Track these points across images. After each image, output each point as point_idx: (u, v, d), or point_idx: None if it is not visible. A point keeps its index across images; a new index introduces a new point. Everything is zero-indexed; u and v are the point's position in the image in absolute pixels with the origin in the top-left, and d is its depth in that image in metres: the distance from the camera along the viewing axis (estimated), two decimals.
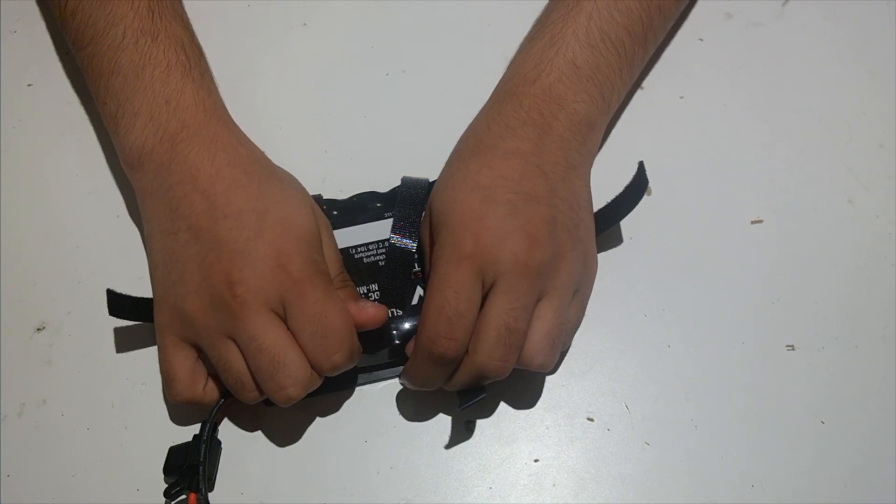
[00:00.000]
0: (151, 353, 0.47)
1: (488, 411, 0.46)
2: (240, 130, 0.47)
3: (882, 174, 0.52)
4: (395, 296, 0.46)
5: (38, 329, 0.48)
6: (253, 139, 0.47)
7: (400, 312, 0.45)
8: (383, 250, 0.47)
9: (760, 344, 0.47)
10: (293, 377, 0.41)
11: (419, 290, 0.46)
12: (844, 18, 0.56)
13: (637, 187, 0.48)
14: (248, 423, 0.46)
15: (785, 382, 0.46)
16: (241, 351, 0.42)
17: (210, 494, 0.44)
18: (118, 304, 0.45)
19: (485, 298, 0.42)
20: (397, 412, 0.46)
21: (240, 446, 0.45)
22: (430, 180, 0.48)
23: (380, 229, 0.47)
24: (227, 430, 0.46)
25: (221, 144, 0.44)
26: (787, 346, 0.47)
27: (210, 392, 0.44)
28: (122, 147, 0.46)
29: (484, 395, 0.43)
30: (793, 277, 0.49)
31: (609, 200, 0.47)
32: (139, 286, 0.49)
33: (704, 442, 0.45)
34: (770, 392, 0.46)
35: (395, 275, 0.46)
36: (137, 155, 0.45)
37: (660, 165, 0.51)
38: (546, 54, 0.47)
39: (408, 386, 0.44)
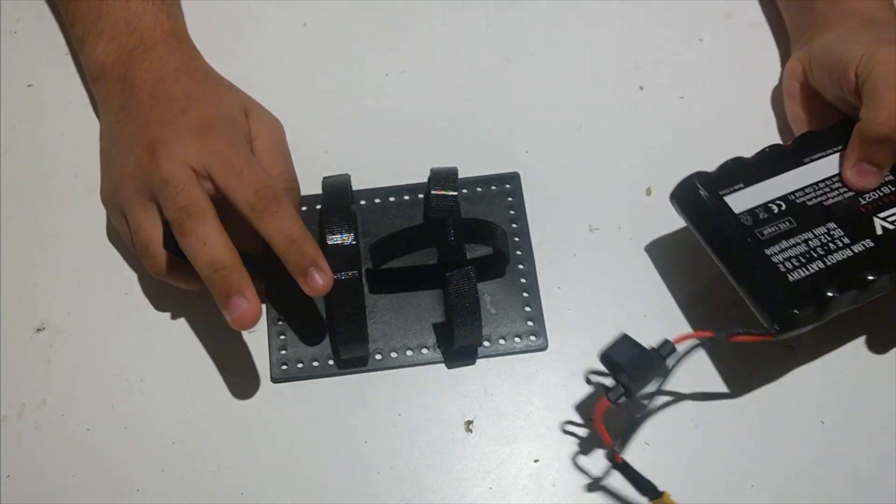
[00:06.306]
0: (151, 353, 0.47)
1: (489, 411, 0.46)
2: (195, 50, 0.51)
3: None
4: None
5: (38, 329, 0.48)
6: None
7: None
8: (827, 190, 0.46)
9: (760, 344, 0.47)
10: (210, 226, 0.42)
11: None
12: None
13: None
14: (247, 422, 0.46)
15: (785, 382, 0.46)
16: (158, 208, 0.43)
17: (211, 495, 0.44)
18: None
19: None
20: (397, 412, 0.46)
21: (239, 446, 0.45)
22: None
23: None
24: (227, 430, 0.46)
25: (173, 57, 0.49)
26: (788, 346, 0.47)
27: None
28: (86, 63, 0.51)
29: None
30: None
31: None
32: (140, 287, 0.49)
33: (704, 442, 0.45)
34: (770, 392, 0.46)
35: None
36: (100, 69, 0.49)
37: (660, 165, 0.51)
38: None
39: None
